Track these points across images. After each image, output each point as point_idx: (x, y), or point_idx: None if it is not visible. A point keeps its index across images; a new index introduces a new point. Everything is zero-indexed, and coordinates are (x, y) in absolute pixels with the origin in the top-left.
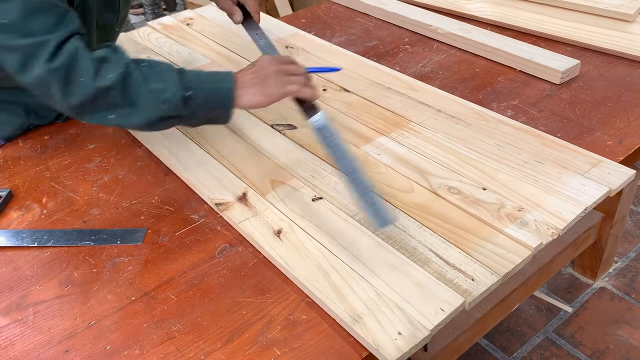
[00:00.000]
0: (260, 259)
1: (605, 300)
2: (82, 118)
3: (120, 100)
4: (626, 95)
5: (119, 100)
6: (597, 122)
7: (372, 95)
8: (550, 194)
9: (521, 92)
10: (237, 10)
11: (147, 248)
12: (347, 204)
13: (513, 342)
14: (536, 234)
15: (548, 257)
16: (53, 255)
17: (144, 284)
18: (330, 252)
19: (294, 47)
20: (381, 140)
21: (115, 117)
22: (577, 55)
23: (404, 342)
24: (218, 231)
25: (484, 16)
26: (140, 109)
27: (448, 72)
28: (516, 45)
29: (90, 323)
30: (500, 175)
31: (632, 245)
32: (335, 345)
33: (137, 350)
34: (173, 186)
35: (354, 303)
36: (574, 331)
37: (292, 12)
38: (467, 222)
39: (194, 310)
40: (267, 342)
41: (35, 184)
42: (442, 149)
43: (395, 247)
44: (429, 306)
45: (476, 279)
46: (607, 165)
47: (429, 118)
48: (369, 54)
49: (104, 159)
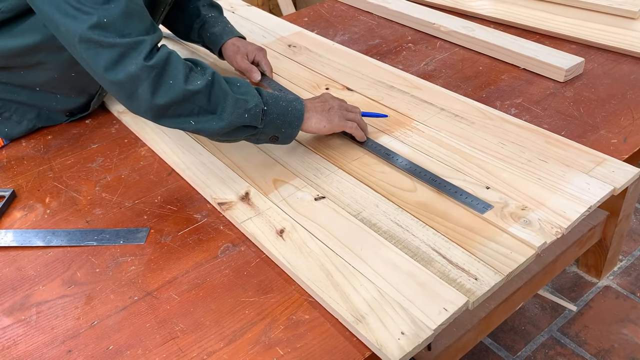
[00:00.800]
0: (263, 259)
1: (610, 299)
2: (162, 121)
3: (205, 106)
4: (631, 93)
5: (203, 106)
6: (601, 120)
7: (375, 93)
8: (554, 192)
9: (525, 90)
10: (255, 70)
11: (150, 248)
12: (350, 203)
13: (517, 341)
14: (540, 233)
15: (552, 255)
16: (56, 255)
17: (147, 283)
18: (333, 251)
19: (296, 45)
20: (384, 139)
21: (195, 123)
22: (582, 53)
23: (407, 342)
24: (221, 231)
25: (488, 14)
26: (223, 116)
27: (451, 71)
28: (520, 43)
29: (93, 323)
30: (503, 174)
31: (637, 243)
32: (338, 345)
33: (139, 350)
34: (175, 186)
35: (356, 303)
36: (579, 330)
37: (295, 10)
38: (471, 221)
39: (196, 310)
40: (270, 341)
41: (39, 183)
42: (445, 147)
43: (399, 247)
44: (432, 306)
45: (480, 279)
46: (612, 164)
47: (432, 117)
48: (371, 53)
49: (106, 158)
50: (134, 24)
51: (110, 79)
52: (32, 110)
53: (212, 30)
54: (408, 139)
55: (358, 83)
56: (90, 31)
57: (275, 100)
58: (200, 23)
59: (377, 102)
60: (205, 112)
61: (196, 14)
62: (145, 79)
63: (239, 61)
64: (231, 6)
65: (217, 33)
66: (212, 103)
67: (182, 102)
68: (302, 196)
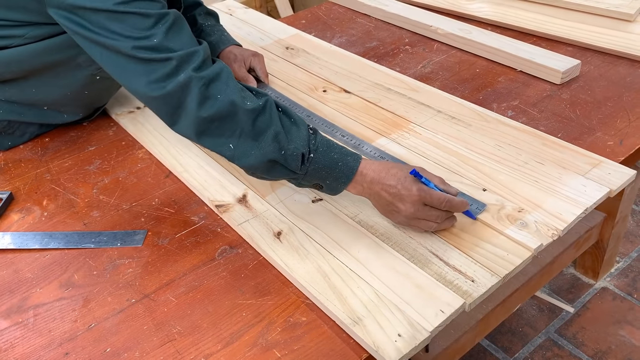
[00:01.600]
0: (260, 261)
1: (607, 301)
2: (203, 139)
3: (248, 129)
4: (627, 95)
5: (246, 128)
6: (597, 123)
7: (372, 96)
8: (550, 194)
9: (521, 93)
10: (251, 79)
11: (147, 250)
12: (347, 205)
13: (515, 343)
14: (536, 235)
15: (549, 257)
16: (53, 257)
17: (144, 286)
18: (330, 253)
19: (294, 48)
20: (381, 142)
21: (235, 148)
22: (578, 55)
23: (403, 343)
24: (218, 233)
25: (484, 16)
26: (260, 147)
27: (448, 73)
28: (516, 46)
29: (91, 325)
30: (500, 176)
31: (634, 245)
32: (335, 347)
33: (137, 353)
34: (173, 188)
35: (354, 305)
36: (576, 331)
37: (292, 13)
38: (467, 224)
39: (194, 313)
40: (267, 344)
41: (36, 186)
42: (442, 149)
43: (396, 249)
44: (429, 308)
45: (476, 281)
46: (608, 166)
47: (429, 119)
48: (369, 55)
49: (104, 161)
50: (181, 38)
51: (159, 92)
52: (35, 125)
53: (209, 39)
54: (405, 141)
55: (355, 85)
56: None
57: (328, 149)
58: (197, 32)
59: (374, 105)
60: (246, 136)
61: (192, 22)
62: (194, 88)
63: (235, 69)
64: (229, 9)
65: (214, 42)
66: (255, 128)
67: (226, 117)
68: (300, 198)
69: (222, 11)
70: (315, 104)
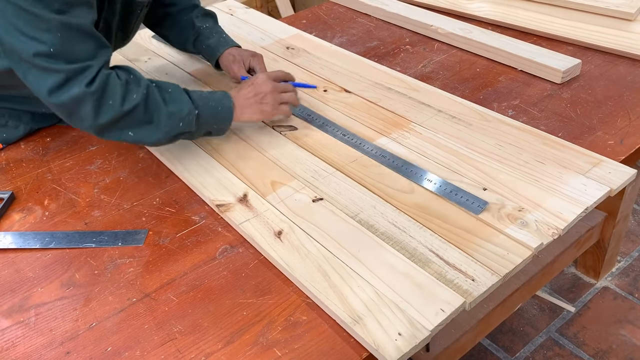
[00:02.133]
0: (261, 260)
1: (609, 300)
2: (104, 135)
3: (142, 119)
4: (627, 94)
5: (141, 119)
6: (598, 122)
7: (373, 95)
8: (551, 194)
9: (522, 92)
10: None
11: (148, 249)
12: (348, 204)
13: (516, 342)
14: (537, 234)
15: (550, 256)
16: (55, 257)
17: (145, 285)
18: (330, 253)
19: (295, 47)
20: (382, 141)
21: (134, 135)
22: (578, 54)
23: (404, 342)
24: (219, 232)
25: (485, 16)
26: (160, 126)
27: (449, 72)
28: (517, 45)
29: (92, 325)
30: (501, 175)
31: (636, 244)
32: (336, 346)
33: (138, 352)
34: (174, 188)
35: (354, 304)
36: (577, 331)
37: (293, 12)
38: (468, 223)
39: (194, 312)
40: (268, 343)
41: (37, 186)
42: (442, 149)
43: (396, 248)
44: (429, 307)
45: (476, 280)
46: (608, 165)
47: (430, 118)
48: (369, 55)
49: (105, 160)
50: (79, 49)
51: (55, 101)
52: (27, 114)
53: (208, 42)
54: (406, 140)
55: (356, 85)
56: (36, 58)
57: (205, 101)
58: (195, 35)
59: (374, 104)
60: (142, 123)
61: (190, 25)
62: (88, 102)
63: (235, 70)
64: (230, 9)
65: (213, 45)
66: (148, 114)
67: (122, 118)
68: (300, 198)
69: (223, 11)
70: (316, 104)
